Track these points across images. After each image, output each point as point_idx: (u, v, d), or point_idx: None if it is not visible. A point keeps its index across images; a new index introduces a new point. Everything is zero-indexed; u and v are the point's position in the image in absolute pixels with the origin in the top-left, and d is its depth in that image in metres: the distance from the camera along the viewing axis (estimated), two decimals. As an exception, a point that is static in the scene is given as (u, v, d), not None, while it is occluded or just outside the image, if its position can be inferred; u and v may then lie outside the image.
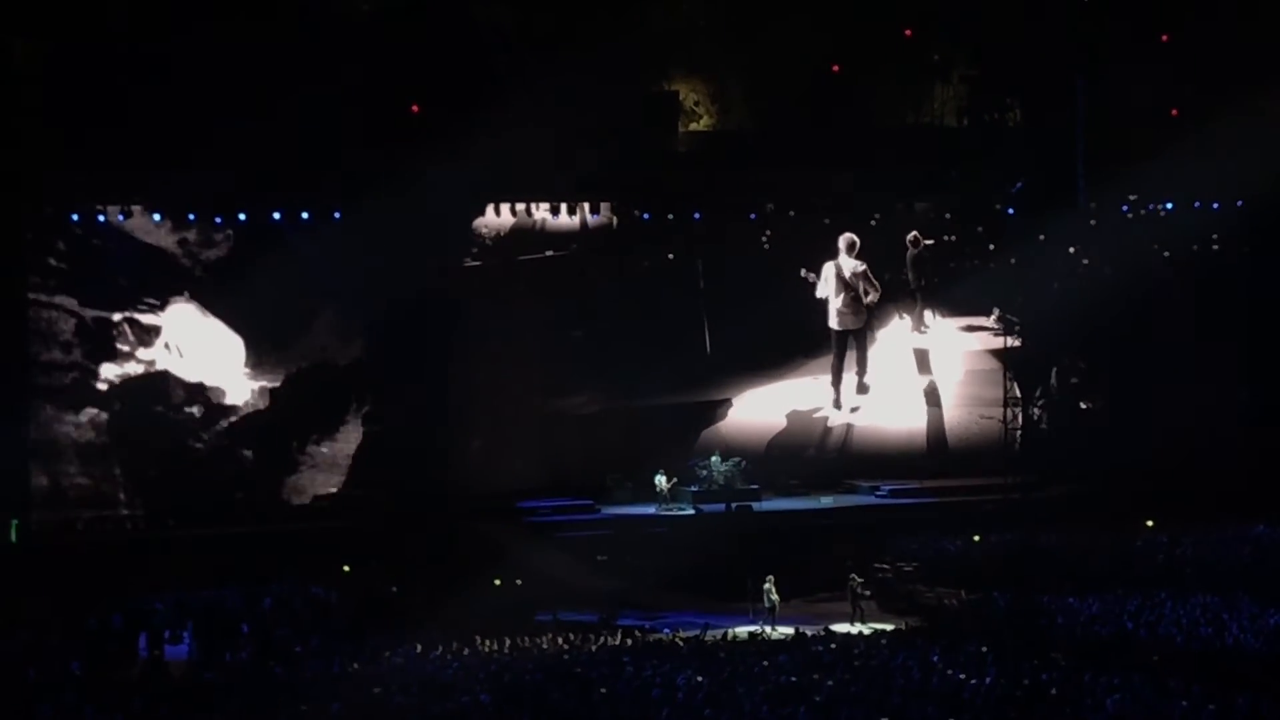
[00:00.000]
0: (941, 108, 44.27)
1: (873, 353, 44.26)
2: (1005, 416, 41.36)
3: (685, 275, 43.15)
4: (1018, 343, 43.47)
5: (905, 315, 44.71)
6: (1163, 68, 42.94)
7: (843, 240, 43.10)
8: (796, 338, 43.75)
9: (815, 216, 43.41)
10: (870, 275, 43.26)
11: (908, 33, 43.26)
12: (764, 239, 43.37)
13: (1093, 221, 44.20)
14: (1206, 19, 42.98)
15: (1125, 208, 44.79)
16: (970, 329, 45.24)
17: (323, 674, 27.16)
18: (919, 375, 44.94)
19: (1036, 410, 44.77)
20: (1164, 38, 43.23)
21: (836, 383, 43.86)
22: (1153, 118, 42.85)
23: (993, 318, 44.80)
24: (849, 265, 43.11)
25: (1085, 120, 42.23)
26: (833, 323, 43.38)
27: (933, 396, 45.00)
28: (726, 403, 43.46)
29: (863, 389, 44.04)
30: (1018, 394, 42.76)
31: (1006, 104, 43.27)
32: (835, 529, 39.56)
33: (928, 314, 44.74)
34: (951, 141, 43.58)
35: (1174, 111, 43.17)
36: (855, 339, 43.80)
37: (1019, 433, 42.55)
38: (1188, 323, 45.50)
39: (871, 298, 43.44)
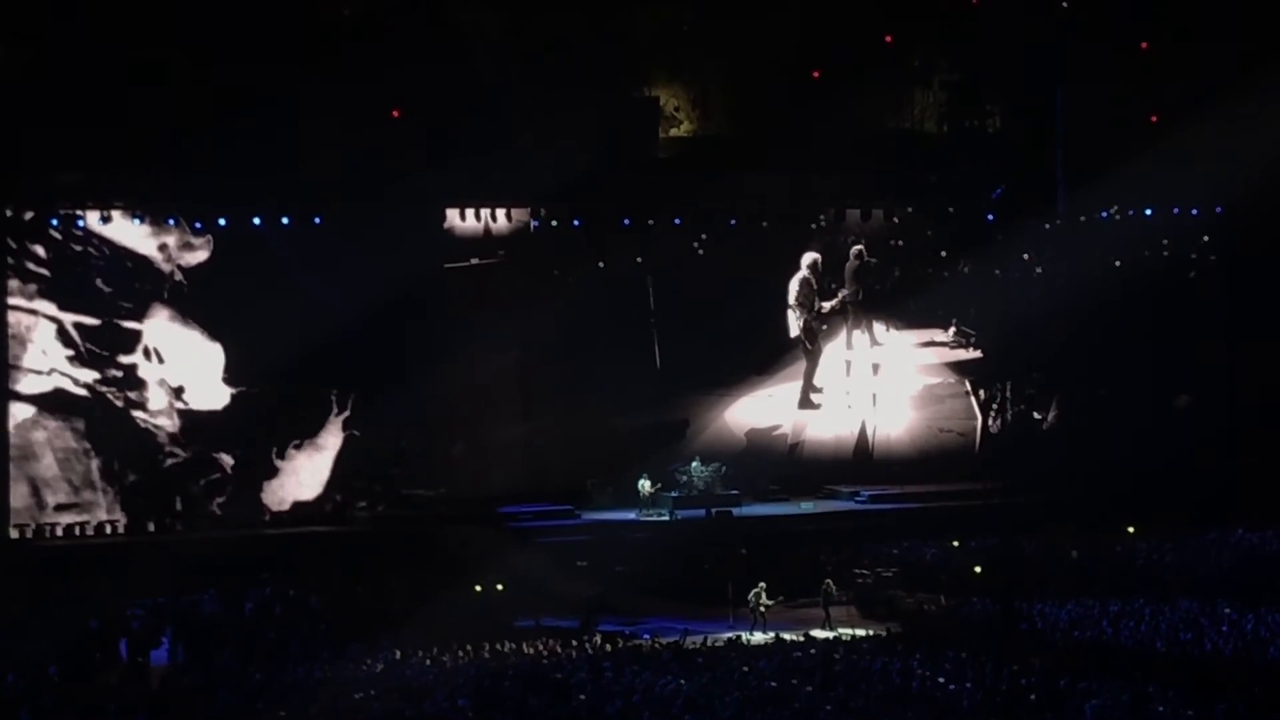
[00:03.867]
0: (922, 113, 44.35)
1: (823, 364, 44.51)
2: (980, 427, 41.53)
3: (637, 286, 43.10)
4: (977, 354, 43.70)
5: (860, 329, 44.75)
6: (1142, 74, 43.00)
7: (805, 259, 43.52)
8: (750, 352, 43.89)
9: (788, 223, 43.58)
10: (825, 289, 43.88)
11: (888, 39, 43.30)
12: (697, 243, 43.25)
13: (1084, 219, 44.21)
14: (1185, 26, 43.05)
15: (1105, 214, 44.82)
16: (928, 344, 45.25)
17: (302, 679, 27.14)
18: (872, 389, 45.00)
19: (994, 422, 44.83)
20: (1143, 45, 43.30)
21: (805, 386, 44.28)
22: (1132, 124, 42.89)
23: (950, 331, 44.97)
24: (813, 281, 43.64)
25: (1065, 126, 42.27)
26: (793, 333, 43.84)
27: (887, 410, 45.02)
28: (683, 421, 43.45)
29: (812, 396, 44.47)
30: (976, 408, 42.99)
31: (987, 110, 43.38)
32: (815, 534, 39.58)
33: (879, 327, 44.80)
34: (931, 147, 43.65)
35: (1153, 118, 43.23)
36: (810, 350, 44.13)
37: (977, 445, 42.79)
38: (1163, 328, 45.61)
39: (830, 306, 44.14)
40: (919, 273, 44.59)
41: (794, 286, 43.86)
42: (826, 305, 44.14)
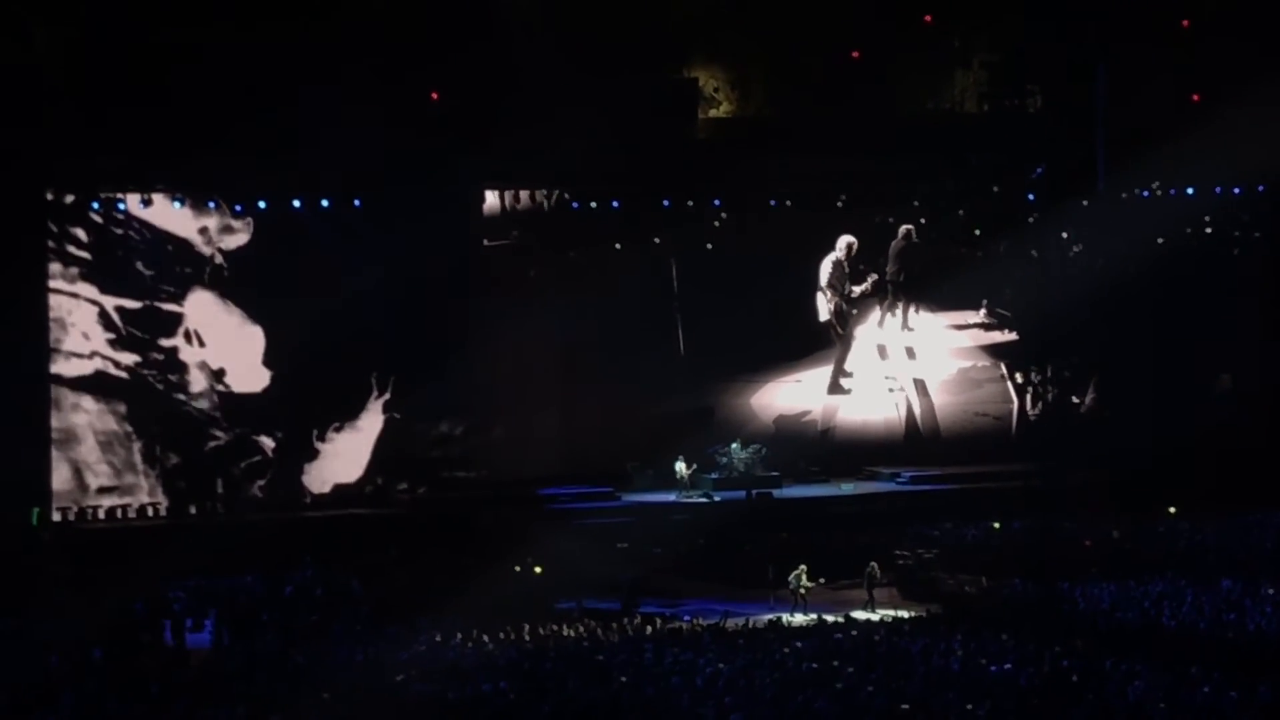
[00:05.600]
0: (962, 94, 44.15)
1: (854, 349, 44.39)
2: (1016, 411, 41.47)
3: (668, 269, 43.02)
4: (1013, 336, 43.56)
5: (893, 312, 44.58)
6: (1184, 53, 42.74)
7: (841, 241, 43.42)
8: (778, 337, 43.70)
9: (825, 204, 43.44)
10: (856, 272, 43.79)
11: (928, 19, 43.13)
12: (718, 223, 43.06)
13: (1124, 197, 43.91)
14: (1226, 3, 42.80)
15: (1145, 193, 44.57)
16: (960, 326, 45.06)
17: (344, 662, 27.22)
18: (906, 372, 44.80)
19: (1031, 407, 44.64)
20: (1184, 23, 43.05)
21: (835, 370, 44.16)
22: (1174, 103, 42.65)
23: (981, 312, 44.80)
24: (845, 265, 43.51)
25: (1106, 106, 42.02)
26: (823, 317, 43.71)
27: (922, 394, 44.85)
28: (707, 409, 43.30)
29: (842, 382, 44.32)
30: (1013, 392, 42.88)
31: (1027, 90, 43.15)
32: (856, 516, 39.54)
33: (911, 310, 44.61)
34: (972, 127, 43.45)
35: (1195, 97, 42.97)
36: (840, 334, 44.00)
37: (1013, 429, 42.69)
38: (1203, 308, 45.34)
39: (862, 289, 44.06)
40: (955, 253, 44.41)
41: (826, 268, 43.74)
42: (856, 289, 44.02)
